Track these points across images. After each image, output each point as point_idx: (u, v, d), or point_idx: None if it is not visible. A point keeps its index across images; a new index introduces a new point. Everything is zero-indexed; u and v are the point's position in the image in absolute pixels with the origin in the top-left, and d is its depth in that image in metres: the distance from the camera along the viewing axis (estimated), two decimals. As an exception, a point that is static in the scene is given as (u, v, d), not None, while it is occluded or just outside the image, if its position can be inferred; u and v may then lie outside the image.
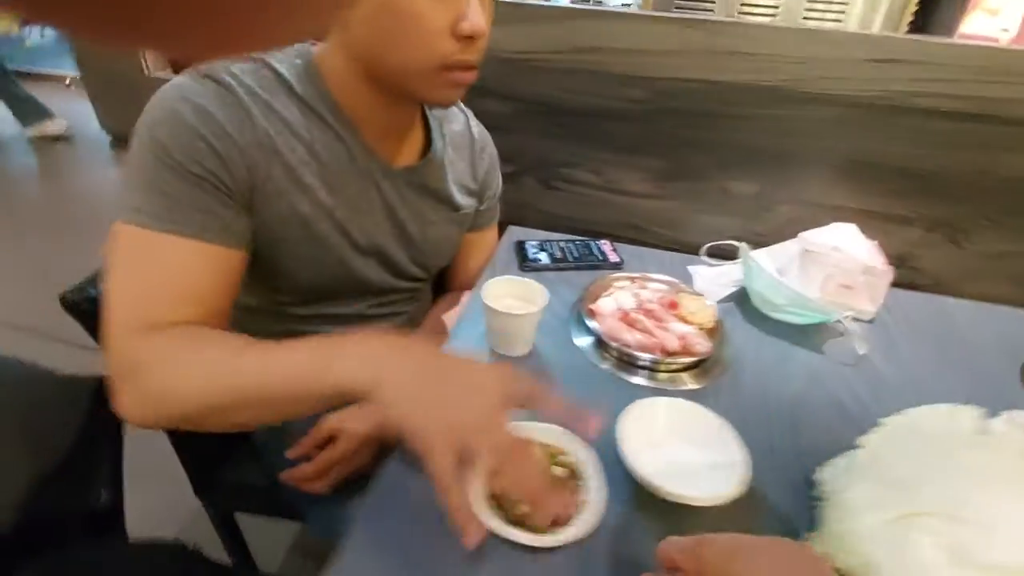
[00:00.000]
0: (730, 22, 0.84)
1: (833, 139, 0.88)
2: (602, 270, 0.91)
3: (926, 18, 2.46)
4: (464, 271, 0.89)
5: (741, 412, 0.64)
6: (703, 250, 0.94)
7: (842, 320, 0.76)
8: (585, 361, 0.70)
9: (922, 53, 0.79)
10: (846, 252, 0.84)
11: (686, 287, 0.82)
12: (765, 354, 0.75)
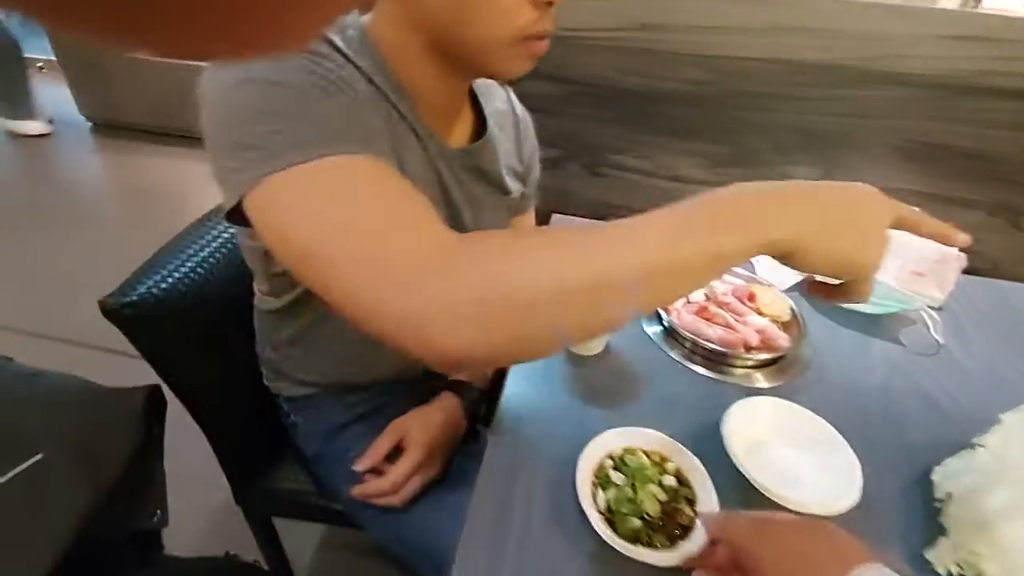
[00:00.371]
0: (800, -3, 0.80)
1: (898, 120, 0.85)
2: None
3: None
4: None
5: (834, 408, 0.62)
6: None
7: (922, 309, 0.74)
8: (661, 356, 0.68)
9: (1004, 30, 0.75)
10: (918, 238, 0.81)
11: (757, 276, 0.79)
12: (842, 346, 0.73)
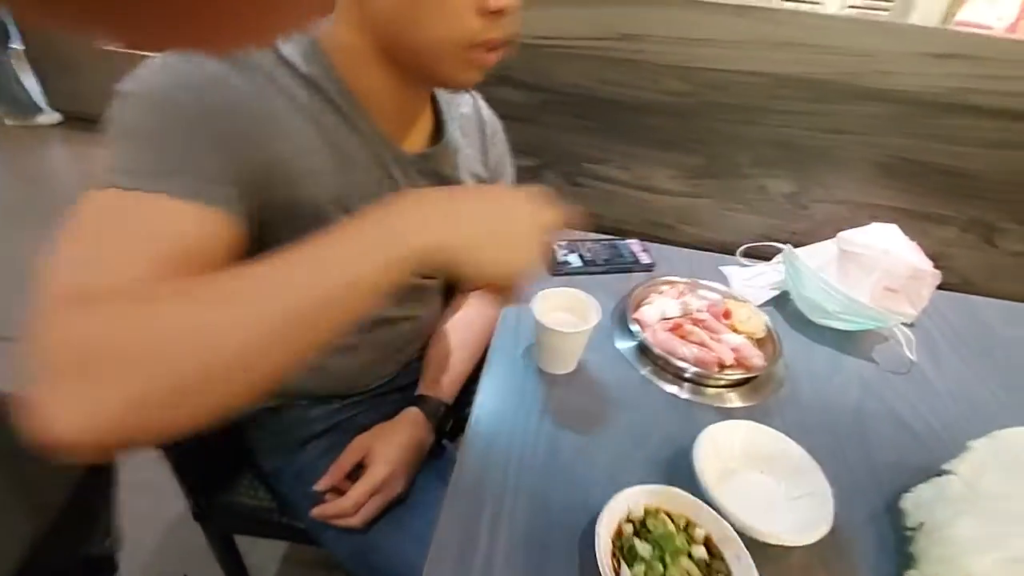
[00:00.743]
0: (784, 10, 0.79)
1: (877, 136, 0.85)
2: (633, 272, 0.87)
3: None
4: None
5: (806, 431, 0.61)
6: (740, 251, 0.90)
7: (894, 326, 0.74)
8: (634, 374, 0.66)
9: (983, 48, 0.76)
10: (893, 254, 0.82)
11: (733, 292, 0.78)
12: (816, 364, 0.73)
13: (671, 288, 0.80)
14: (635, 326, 0.69)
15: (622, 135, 0.92)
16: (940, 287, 0.86)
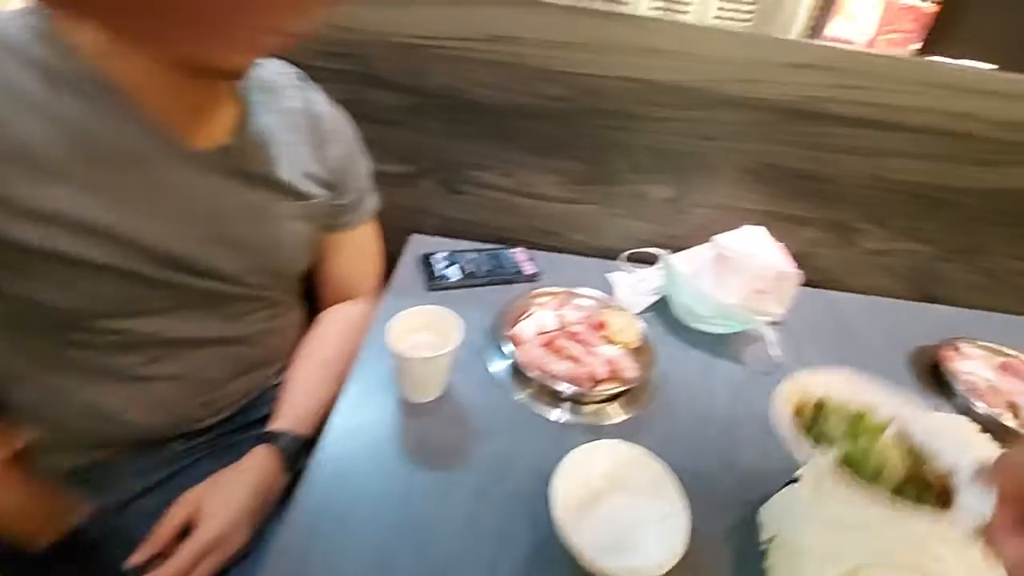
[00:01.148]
0: (654, 18, 0.79)
1: (744, 142, 0.88)
2: (517, 284, 0.84)
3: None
4: (338, 279, 0.76)
5: (676, 443, 0.60)
6: (622, 257, 0.90)
7: (760, 328, 0.76)
8: (505, 398, 0.63)
9: (841, 60, 0.79)
10: (760, 257, 0.84)
11: (610, 300, 0.77)
12: (689, 370, 0.73)
13: (552, 299, 0.77)
14: (508, 344, 0.65)
15: (501, 140, 0.89)
16: (806, 284, 0.90)
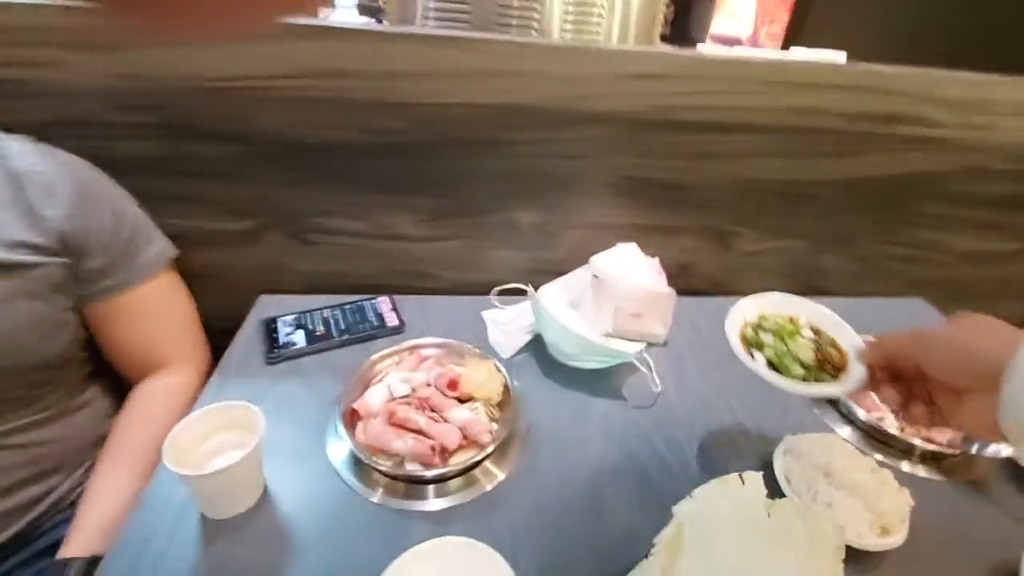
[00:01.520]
0: (482, 39, 0.73)
1: (603, 158, 0.84)
2: (380, 338, 0.76)
3: (684, 23, 2.75)
4: (134, 350, 0.69)
5: (537, 512, 0.54)
6: (493, 293, 0.84)
7: (633, 359, 0.71)
8: (344, 492, 0.54)
9: (670, 66, 0.77)
10: (631, 279, 0.80)
11: (470, 348, 0.70)
12: (562, 416, 0.67)
13: (410, 356, 0.70)
14: (341, 426, 0.57)
15: (345, 183, 0.81)
16: (693, 294, 0.87)
